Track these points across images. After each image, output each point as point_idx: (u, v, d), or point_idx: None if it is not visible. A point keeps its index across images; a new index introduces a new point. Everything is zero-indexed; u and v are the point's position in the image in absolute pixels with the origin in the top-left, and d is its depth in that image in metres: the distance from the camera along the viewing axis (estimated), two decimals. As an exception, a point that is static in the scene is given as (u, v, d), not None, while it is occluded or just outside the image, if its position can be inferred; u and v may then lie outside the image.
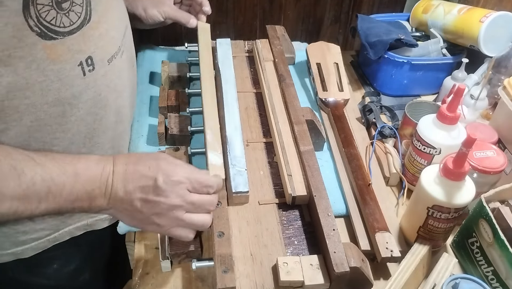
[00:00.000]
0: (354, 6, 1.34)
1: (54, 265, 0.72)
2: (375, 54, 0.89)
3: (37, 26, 0.49)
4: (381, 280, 0.62)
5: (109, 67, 0.60)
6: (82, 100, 0.57)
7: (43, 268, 0.70)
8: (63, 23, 0.51)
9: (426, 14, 0.98)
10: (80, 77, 0.55)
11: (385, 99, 0.94)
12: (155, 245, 0.65)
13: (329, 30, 1.39)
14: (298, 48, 1.01)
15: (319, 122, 0.77)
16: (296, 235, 0.61)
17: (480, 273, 0.59)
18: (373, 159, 0.77)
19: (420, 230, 0.62)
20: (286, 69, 0.85)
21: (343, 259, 0.53)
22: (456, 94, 0.62)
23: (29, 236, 0.64)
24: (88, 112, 0.59)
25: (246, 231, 0.61)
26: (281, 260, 0.55)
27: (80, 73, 0.55)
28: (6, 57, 0.47)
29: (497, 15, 0.84)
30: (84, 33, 0.54)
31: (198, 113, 0.81)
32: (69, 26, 0.52)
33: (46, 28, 0.50)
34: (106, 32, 0.58)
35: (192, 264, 0.56)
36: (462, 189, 0.57)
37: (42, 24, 0.49)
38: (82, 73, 0.55)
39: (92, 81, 0.57)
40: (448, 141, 0.65)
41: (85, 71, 0.56)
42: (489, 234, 0.56)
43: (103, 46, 0.58)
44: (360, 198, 0.68)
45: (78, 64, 0.55)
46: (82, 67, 0.55)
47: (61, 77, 0.53)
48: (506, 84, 0.71)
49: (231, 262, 0.53)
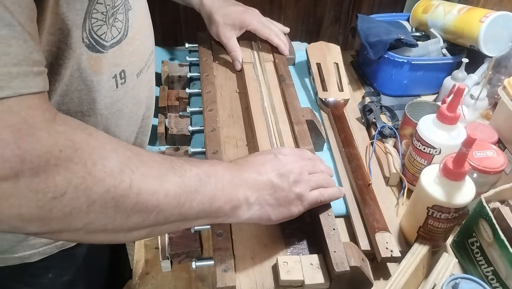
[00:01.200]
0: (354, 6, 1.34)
1: (49, 275, 0.70)
2: (375, 54, 0.89)
3: (88, 39, 0.50)
4: (381, 280, 0.62)
5: (137, 81, 0.62)
6: (111, 112, 0.59)
7: (38, 277, 0.70)
8: (108, 37, 0.53)
9: (426, 14, 0.98)
10: (113, 89, 0.57)
11: (385, 99, 0.94)
12: (155, 245, 0.65)
13: (329, 30, 1.39)
14: (298, 48, 1.01)
15: (319, 122, 0.77)
16: (296, 235, 0.61)
17: (480, 273, 0.59)
18: (373, 159, 0.77)
19: (420, 230, 0.62)
20: (286, 69, 0.85)
21: (343, 258, 0.53)
22: (456, 94, 0.62)
23: (39, 239, 0.63)
24: (116, 124, 0.61)
25: (246, 230, 0.60)
26: (281, 259, 0.55)
27: (114, 85, 0.57)
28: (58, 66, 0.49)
29: (497, 15, 0.84)
30: (121, 48, 0.56)
31: (198, 113, 0.81)
32: (112, 40, 0.54)
33: (95, 42, 0.51)
34: (137, 48, 0.60)
35: (192, 264, 0.56)
36: (462, 189, 0.57)
37: (93, 37, 0.50)
38: (115, 85, 0.57)
39: (122, 94, 0.59)
40: (448, 141, 0.65)
41: (118, 84, 0.57)
42: (489, 234, 0.56)
43: (134, 62, 0.60)
44: (360, 198, 0.68)
45: (113, 76, 0.56)
46: (116, 79, 0.57)
47: (98, 88, 0.54)
48: (506, 84, 0.71)
49: (231, 261, 0.53)
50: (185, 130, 0.76)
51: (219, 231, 0.56)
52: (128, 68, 0.59)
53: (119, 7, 0.53)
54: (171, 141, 0.76)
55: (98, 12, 0.49)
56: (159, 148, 0.76)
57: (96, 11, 0.49)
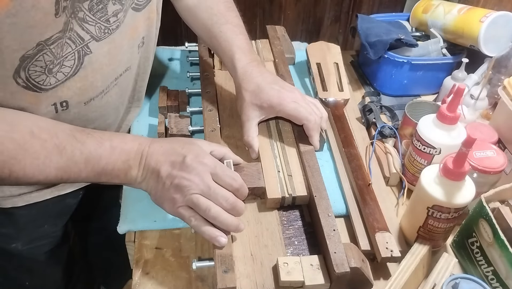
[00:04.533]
0: (354, 6, 1.35)
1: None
2: (375, 54, 0.89)
3: (24, 83, 0.53)
4: (381, 280, 0.62)
5: (86, 107, 0.63)
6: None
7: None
8: (50, 82, 0.55)
9: (426, 14, 0.98)
10: (52, 113, 0.59)
11: (385, 99, 0.94)
12: (155, 245, 0.65)
13: (329, 30, 1.39)
14: (298, 48, 1.01)
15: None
16: (297, 235, 0.61)
17: (480, 273, 0.59)
18: (373, 159, 0.77)
19: (420, 230, 0.62)
20: (286, 69, 0.85)
21: (344, 259, 0.53)
22: (456, 94, 0.62)
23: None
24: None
25: (246, 231, 0.60)
26: (281, 260, 0.55)
27: (52, 110, 0.59)
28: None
29: (497, 15, 0.84)
30: (64, 85, 0.58)
31: (198, 113, 0.81)
32: (54, 83, 0.56)
33: (32, 85, 0.54)
34: (90, 83, 0.61)
35: (193, 264, 0.56)
36: (462, 189, 0.57)
37: (30, 82, 0.54)
38: (55, 111, 0.59)
39: (63, 116, 0.61)
40: (448, 141, 0.65)
41: (58, 110, 0.59)
42: (489, 234, 0.56)
43: (82, 93, 0.61)
44: (360, 198, 0.68)
45: (52, 104, 0.58)
46: (56, 107, 0.59)
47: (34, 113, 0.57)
48: (506, 84, 0.71)
49: (231, 262, 0.53)
50: (185, 130, 0.76)
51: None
52: (73, 99, 0.60)
53: (68, 55, 0.55)
54: (171, 141, 0.76)
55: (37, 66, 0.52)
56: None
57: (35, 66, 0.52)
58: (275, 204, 0.64)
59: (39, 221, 0.77)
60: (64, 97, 0.59)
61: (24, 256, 0.79)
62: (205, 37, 0.77)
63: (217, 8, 0.75)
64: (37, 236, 0.79)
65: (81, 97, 0.61)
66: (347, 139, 0.77)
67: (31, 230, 0.77)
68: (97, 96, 0.64)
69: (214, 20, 0.74)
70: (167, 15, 1.30)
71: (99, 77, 0.61)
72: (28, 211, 0.73)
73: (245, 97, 0.68)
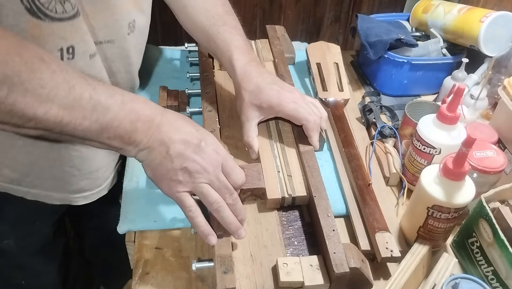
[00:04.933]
0: (354, 6, 1.35)
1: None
2: (375, 54, 0.89)
3: (28, 2, 0.49)
4: (381, 280, 0.62)
5: (91, 61, 0.60)
6: None
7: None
8: (56, 9, 0.51)
9: (426, 14, 0.98)
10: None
11: (385, 99, 0.94)
12: (155, 245, 0.65)
13: (329, 30, 1.39)
14: (298, 48, 1.01)
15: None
16: (296, 236, 0.61)
17: (480, 273, 0.59)
18: (373, 159, 0.77)
19: (420, 230, 0.62)
20: (286, 69, 0.85)
21: (343, 259, 0.53)
22: (456, 94, 0.62)
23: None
24: None
25: (246, 231, 0.60)
26: (281, 260, 0.55)
27: (58, 56, 0.55)
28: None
29: (497, 15, 0.84)
30: (72, 24, 0.54)
31: (198, 113, 0.81)
32: (61, 14, 0.52)
33: (36, 8, 0.50)
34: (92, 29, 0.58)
35: (192, 265, 0.56)
36: (462, 189, 0.57)
37: (34, 2, 0.49)
38: (60, 57, 0.56)
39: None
40: (448, 141, 0.65)
41: (64, 58, 0.56)
42: (489, 234, 0.56)
43: (87, 40, 0.58)
44: (360, 198, 0.68)
45: (58, 49, 0.55)
46: (61, 53, 0.55)
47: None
48: (506, 84, 0.71)
49: (231, 263, 0.53)
50: (185, 130, 0.76)
51: (219, 232, 0.56)
52: (79, 46, 0.56)
53: None
54: (171, 141, 0.76)
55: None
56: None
57: None
58: (275, 205, 0.64)
59: (30, 217, 0.77)
60: (70, 41, 0.55)
61: (17, 253, 0.79)
62: (203, 40, 0.76)
63: (215, 11, 0.74)
64: (29, 233, 0.78)
65: (86, 46, 0.58)
66: (347, 139, 0.77)
67: (22, 227, 0.77)
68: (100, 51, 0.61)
69: (212, 22, 0.73)
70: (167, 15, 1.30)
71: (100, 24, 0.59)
72: (18, 207, 0.72)
73: (245, 97, 0.68)
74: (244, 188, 0.61)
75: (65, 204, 0.73)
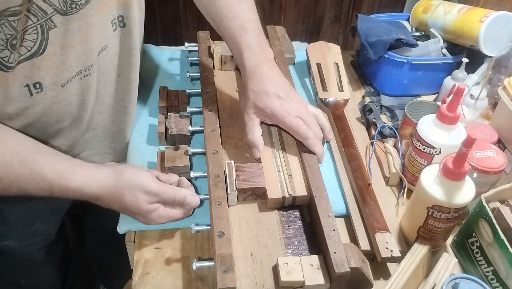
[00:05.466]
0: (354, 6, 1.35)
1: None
2: (375, 54, 0.89)
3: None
4: (381, 280, 0.62)
5: (64, 89, 0.61)
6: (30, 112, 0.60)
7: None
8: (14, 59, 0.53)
9: (426, 14, 0.98)
10: (27, 96, 0.58)
11: (385, 99, 0.94)
12: (155, 245, 0.65)
13: (329, 30, 1.39)
14: (298, 48, 1.01)
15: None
16: (297, 235, 0.61)
17: (480, 273, 0.59)
18: (373, 159, 0.77)
19: (420, 230, 0.62)
20: (286, 69, 0.85)
21: (344, 259, 0.53)
22: (456, 94, 0.62)
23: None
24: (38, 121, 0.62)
25: (246, 231, 0.61)
26: (281, 260, 0.55)
27: (26, 93, 0.57)
28: None
29: (497, 15, 0.84)
30: (33, 63, 0.55)
31: (198, 113, 0.81)
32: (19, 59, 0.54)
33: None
34: (62, 62, 0.58)
35: (193, 264, 0.56)
36: (462, 189, 0.57)
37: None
38: (29, 93, 0.58)
39: (40, 100, 0.59)
40: (448, 141, 0.65)
41: (32, 92, 0.58)
42: (489, 234, 0.56)
43: (55, 73, 0.59)
44: (360, 198, 0.68)
45: (24, 86, 0.57)
46: (29, 89, 0.57)
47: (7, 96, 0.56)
48: (506, 84, 0.71)
49: (231, 262, 0.53)
50: (185, 130, 0.76)
51: (220, 231, 0.56)
52: (46, 80, 0.58)
53: (28, 28, 0.53)
54: (171, 141, 0.76)
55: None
56: (159, 148, 0.76)
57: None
58: (276, 204, 0.64)
59: (29, 219, 0.77)
60: (35, 78, 0.56)
61: (16, 254, 0.79)
62: (216, 29, 0.74)
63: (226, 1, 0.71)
64: (29, 234, 0.78)
65: (55, 78, 0.58)
66: (347, 139, 0.77)
67: (22, 228, 0.77)
68: (74, 77, 0.61)
69: (223, 14, 0.70)
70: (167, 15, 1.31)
71: (72, 56, 0.59)
72: (18, 209, 0.72)
73: (250, 97, 0.67)
74: (245, 187, 0.62)
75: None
